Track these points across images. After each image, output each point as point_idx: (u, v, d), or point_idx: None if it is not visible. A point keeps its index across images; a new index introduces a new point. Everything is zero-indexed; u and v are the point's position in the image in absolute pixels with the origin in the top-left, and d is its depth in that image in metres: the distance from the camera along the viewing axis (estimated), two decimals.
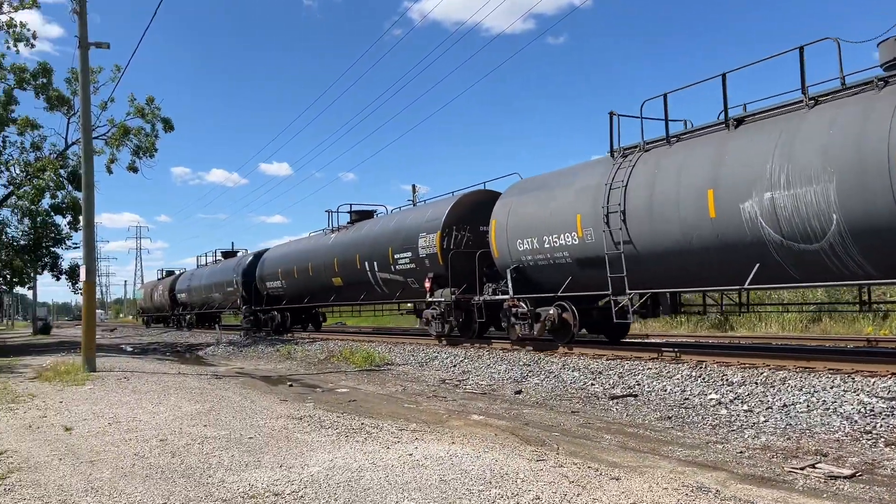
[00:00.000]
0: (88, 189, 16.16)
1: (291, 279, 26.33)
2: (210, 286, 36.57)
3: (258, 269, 29.74)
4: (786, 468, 5.65)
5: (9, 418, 8.83)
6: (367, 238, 20.95)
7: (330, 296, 24.28)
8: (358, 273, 20.93)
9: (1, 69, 26.64)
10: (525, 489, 4.83)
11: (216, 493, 4.94)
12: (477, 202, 17.45)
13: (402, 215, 20.24)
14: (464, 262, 16.69)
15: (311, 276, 24.55)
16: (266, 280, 28.79)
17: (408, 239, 18.27)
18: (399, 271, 18.78)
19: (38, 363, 17.58)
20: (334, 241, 23.37)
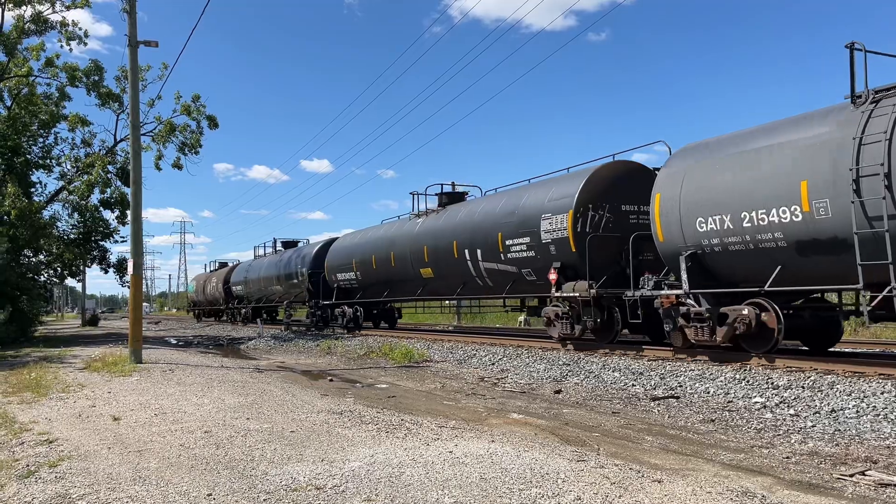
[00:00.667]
0: (136, 185, 16.53)
1: (367, 270, 23.86)
2: (270, 278, 34.06)
3: (327, 259, 27.28)
4: (834, 475, 5.51)
5: (60, 407, 9.09)
6: (466, 222, 18.05)
7: (416, 289, 21.38)
8: (454, 263, 18.25)
9: (54, 67, 27.46)
10: (566, 489, 4.80)
11: (259, 485, 5.02)
12: (616, 176, 14.56)
13: (514, 194, 16.83)
14: (603, 248, 13.82)
15: (392, 268, 21.98)
16: (337, 272, 26.29)
17: (525, 222, 15.38)
18: (511, 261, 15.94)
19: (86, 354, 18.07)
20: (423, 226, 20.53)
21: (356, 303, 25.56)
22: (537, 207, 15.16)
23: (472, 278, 17.77)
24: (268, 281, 34.40)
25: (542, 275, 14.97)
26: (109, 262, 31.16)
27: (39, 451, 6.35)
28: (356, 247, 25.14)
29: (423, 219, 20.86)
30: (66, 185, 28.75)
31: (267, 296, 35.29)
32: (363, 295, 25.08)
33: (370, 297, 24.83)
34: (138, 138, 17.07)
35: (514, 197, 16.61)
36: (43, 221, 26.05)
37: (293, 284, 30.70)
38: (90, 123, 29.01)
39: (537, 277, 15.26)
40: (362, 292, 25.01)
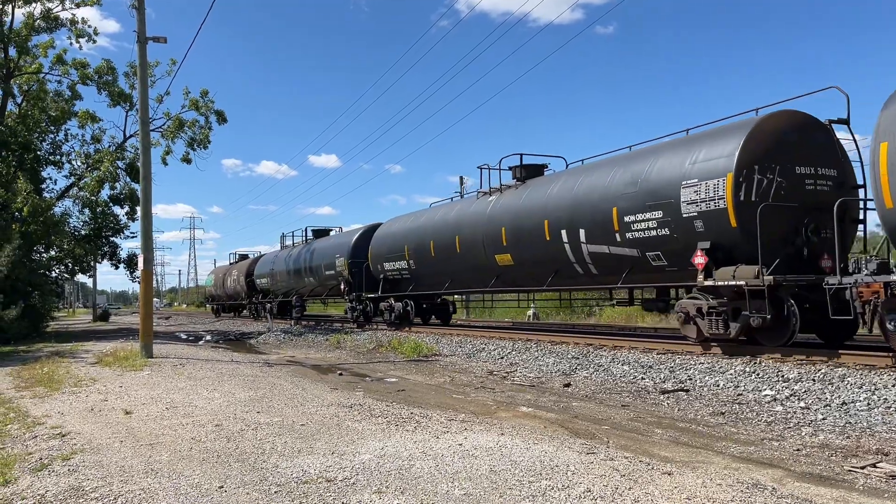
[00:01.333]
0: (146, 181, 16.61)
1: (423, 259, 20.73)
2: (300, 270, 31.04)
3: (372, 247, 24.26)
4: (845, 467, 5.50)
5: (72, 401, 9.16)
6: (563, 197, 14.83)
7: (488, 279, 17.99)
8: (544, 248, 15.22)
9: (64, 65, 27.60)
10: (576, 481, 4.81)
11: (270, 477, 5.05)
12: (785, 129, 11.44)
13: (636, 160, 13.44)
14: (775, 223, 10.86)
15: (457, 255, 18.75)
16: (383, 261, 23.22)
17: (656, 192, 12.28)
18: (631, 241, 12.82)
19: (98, 349, 18.19)
20: (498, 205, 17.38)
21: (406, 296, 22.57)
22: (675, 173, 12.02)
23: (568, 265, 14.65)
24: (297, 273, 31.52)
25: (677, 259, 12.08)
26: (120, 258, 31.36)
27: (52, 445, 6.41)
28: (409, 232, 21.89)
29: (497, 196, 17.64)
30: (76, 182, 28.94)
31: (296, 289, 32.42)
32: (416, 287, 21.97)
33: (425, 288, 21.72)
34: (148, 134, 17.15)
35: (637, 163, 13.25)
36: (55, 218, 26.22)
37: (328, 276, 27.82)
38: (100, 120, 29.22)
39: (668, 262, 12.34)
40: (414, 284, 21.94)
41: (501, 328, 21.68)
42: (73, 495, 4.75)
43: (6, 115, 26.49)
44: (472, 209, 18.67)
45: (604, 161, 14.91)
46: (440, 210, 21.15)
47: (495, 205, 17.48)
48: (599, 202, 13.63)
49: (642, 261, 12.85)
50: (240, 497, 4.60)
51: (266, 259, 38.32)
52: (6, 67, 25.35)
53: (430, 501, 4.42)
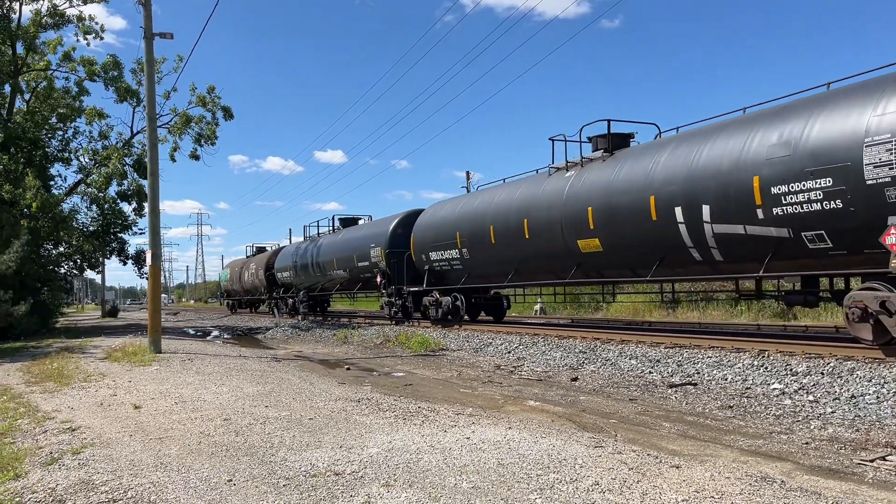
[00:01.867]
0: (153, 177, 16.65)
1: (481, 246, 18.13)
2: (329, 262, 28.50)
3: (415, 234, 21.68)
4: (854, 460, 5.48)
5: (82, 396, 9.21)
6: (675, 167, 12.18)
7: (566, 269, 15.21)
8: (649, 230, 12.59)
9: (71, 61, 27.70)
10: (584, 475, 4.81)
11: (279, 471, 5.07)
12: None
13: (780, 115, 10.88)
14: None
15: (525, 241, 16.30)
16: (430, 250, 20.64)
17: (820, 154, 9.80)
18: (781, 219, 10.34)
19: (107, 344, 18.28)
20: (580, 181, 14.68)
21: (456, 289, 19.86)
22: (850, 129, 9.46)
23: (680, 250, 12.12)
24: (325, 265, 29.00)
25: (850, 239, 9.64)
26: (128, 254, 31.46)
27: (62, 439, 6.45)
28: (462, 217, 19.24)
29: (577, 171, 15.11)
30: (84, 178, 29.05)
31: (324, 283, 30.09)
32: (469, 279, 19.34)
33: (480, 280, 19.23)
34: (155, 130, 17.18)
35: (786, 120, 10.61)
36: (63, 214, 26.33)
37: (361, 268, 25.23)
38: (107, 116, 29.32)
39: (834, 243, 9.83)
40: (467, 275, 19.29)
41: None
42: (84, 489, 4.78)
43: (14, 112, 26.60)
44: (546, 188, 15.90)
45: (731, 122, 12.06)
46: (501, 191, 18.33)
47: (576, 181, 14.86)
48: (732, 171, 11.08)
49: (792, 243, 10.37)
50: (248, 490, 4.62)
51: (288, 251, 35.57)
52: (14, 64, 25.44)
53: (438, 495, 4.42)
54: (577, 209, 14.47)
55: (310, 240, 32.61)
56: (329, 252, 28.78)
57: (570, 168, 15.66)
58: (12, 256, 21.17)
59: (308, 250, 31.49)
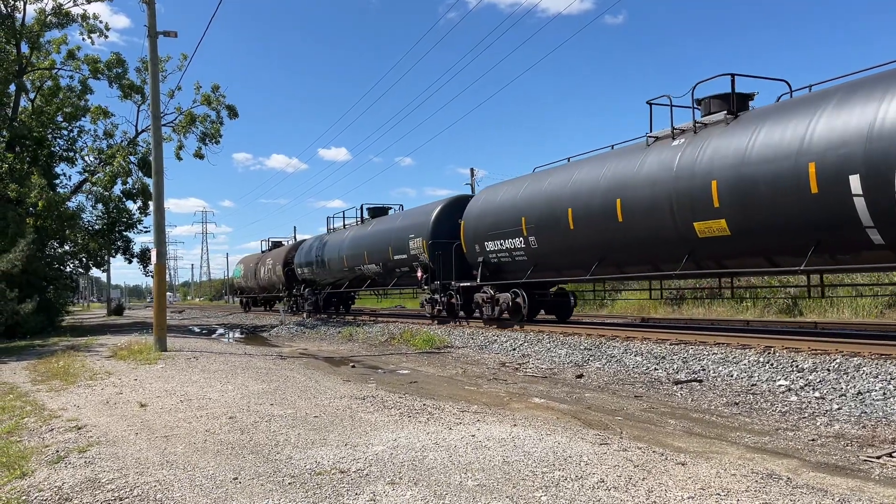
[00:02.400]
0: (158, 175, 16.68)
1: (556, 234, 15.23)
2: (357, 256, 26.02)
3: (467, 221, 18.93)
4: (861, 457, 5.46)
5: (88, 394, 9.24)
6: (845, 128, 9.66)
7: (676, 258, 12.68)
8: (805, 206, 10.16)
9: (76, 60, 27.76)
10: (589, 472, 4.80)
11: (284, 469, 5.07)
12: None
13: None
14: None
15: (617, 225, 13.50)
16: (485, 239, 17.93)
17: None
18: None
19: (112, 342, 18.34)
20: (698, 150, 12.09)
21: (518, 284, 17.19)
22: None
23: (855, 230, 9.58)
24: (353, 259, 26.43)
25: None
26: (133, 253, 31.53)
27: (69, 437, 6.47)
28: (529, 200, 16.51)
29: (690, 138, 12.48)
30: (88, 177, 29.11)
31: (352, 278, 27.55)
32: (536, 271, 16.47)
33: (550, 274, 16.49)
34: (159, 128, 17.21)
35: None
36: (70, 212, 26.40)
37: (398, 261, 22.62)
38: (112, 115, 29.35)
39: None
40: (534, 268, 16.44)
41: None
42: (90, 487, 4.79)
43: (20, 111, 26.66)
44: (647, 161, 13.20)
45: None
46: (579, 168, 15.35)
47: (691, 151, 12.22)
48: None
49: None
50: (254, 488, 4.62)
51: (309, 245, 32.88)
52: (19, 63, 25.49)
53: (444, 492, 4.42)
54: (695, 184, 11.91)
55: (334, 232, 30.21)
56: (357, 245, 26.40)
57: (678, 136, 12.96)
58: (18, 255, 21.23)
59: (333, 244, 29.17)
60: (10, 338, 20.98)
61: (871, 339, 11.24)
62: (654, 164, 13.00)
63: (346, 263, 27.21)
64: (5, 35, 24.45)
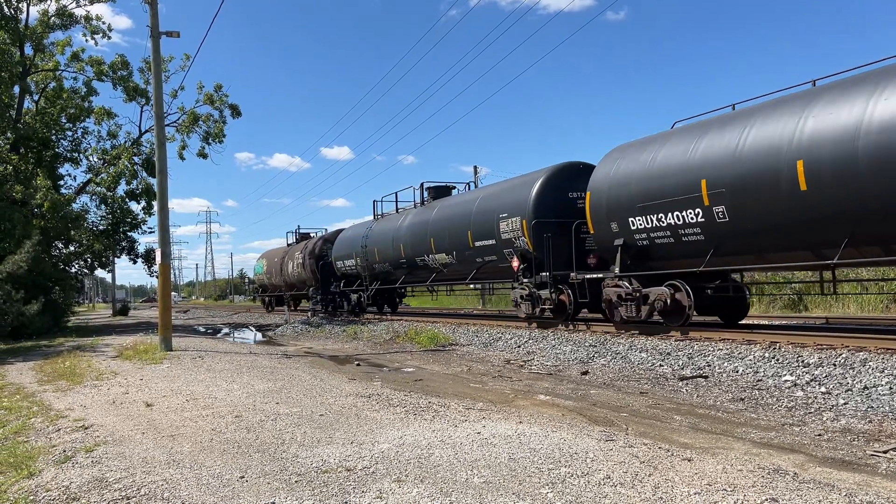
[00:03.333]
0: (162, 175, 16.71)
1: (766, 198, 10.58)
2: (420, 243, 21.45)
3: (593, 193, 14.42)
4: (868, 451, 5.45)
5: (94, 394, 9.27)
6: None
7: None
8: None
9: (80, 62, 27.83)
10: (595, 468, 4.80)
11: (290, 467, 5.08)
12: None
13: None
14: None
15: None
16: (629, 214, 13.30)
17: None
18: None
19: (118, 343, 18.38)
20: None
21: (681, 274, 12.68)
22: None
23: None
24: (415, 248, 21.87)
25: None
26: (137, 253, 31.62)
27: (75, 437, 6.49)
28: (708, 156, 11.65)
29: None
30: (93, 178, 29.20)
31: (412, 270, 22.94)
32: (717, 256, 11.81)
33: (746, 259, 11.76)
34: (163, 128, 17.23)
35: None
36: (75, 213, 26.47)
37: (481, 249, 18.23)
38: (116, 115, 29.45)
39: None
40: (714, 251, 11.74)
41: None
42: (97, 486, 4.81)
43: (24, 113, 26.74)
44: None
45: None
46: (815, 101, 10.26)
47: None
48: None
49: None
50: (261, 487, 4.63)
51: (350, 235, 28.02)
52: (22, 65, 25.57)
53: (450, 489, 4.42)
54: None
55: (383, 218, 25.53)
56: (419, 231, 21.62)
57: None
58: (24, 256, 21.31)
59: (383, 232, 24.44)
60: (17, 338, 21.05)
61: (878, 333, 11.21)
62: None
63: (404, 254, 22.66)
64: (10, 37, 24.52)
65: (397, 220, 23.98)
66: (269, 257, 40.79)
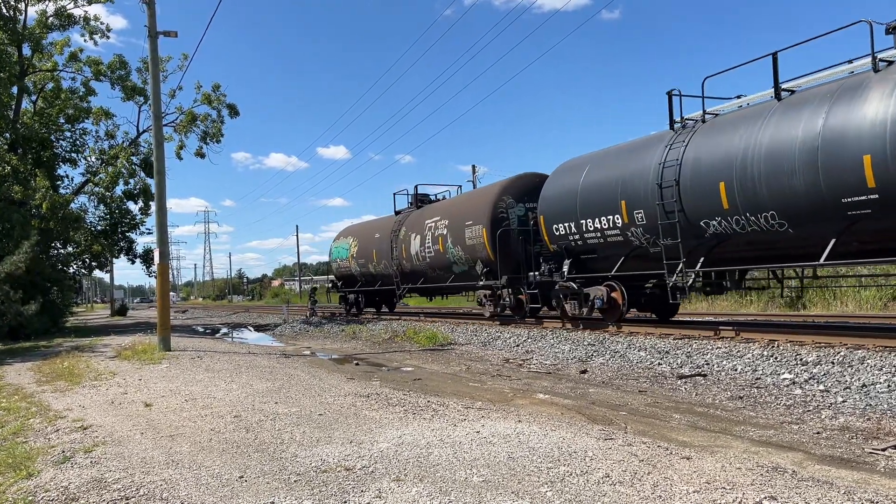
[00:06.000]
0: (160, 175, 16.69)
1: None
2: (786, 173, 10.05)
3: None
4: (866, 449, 5.45)
5: (93, 395, 9.26)
6: None
7: None
8: None
9: (78, 62, 27.79)
10: (594, 467, 4.80)
11: (290, 466, 5.08)
12: None
13: None
14: None
15: None
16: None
17: None
18: None
19: (116, 343, 18.36)
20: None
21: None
22: None
23: None
24: None
25: None
26: (136, 253, 31.57)
27: (74, 438, 6.48)
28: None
29: None
30: (91, 178, 29.16)
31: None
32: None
33: None
34: (160, 128, 17.21)
35: None
36: (74, 214, 26.43)
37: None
38: (114, 116, 29.38)
39: None
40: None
41: None
42: (96, 487, 4.80)
43: (22, 113, 26.70)
44: None
45: None
46: None
47: None
48: None
49: None
50: (260, 486, 4.63)
51: (584, 174, 15.02)
52: (20, 65, 25.53)
53: (449, 488, 4.42)
54: None
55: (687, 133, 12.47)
56: None
57: None
58: (22, 257, 21.28)
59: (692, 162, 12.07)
60: (15, 339, 21.02)
61: (876, 331, 11.22)
62: None
63: None
64: (8, 38, 24.48)
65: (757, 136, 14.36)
66: (362, 234, 26.76)
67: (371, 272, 25.61)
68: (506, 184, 18.05)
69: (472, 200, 19.20)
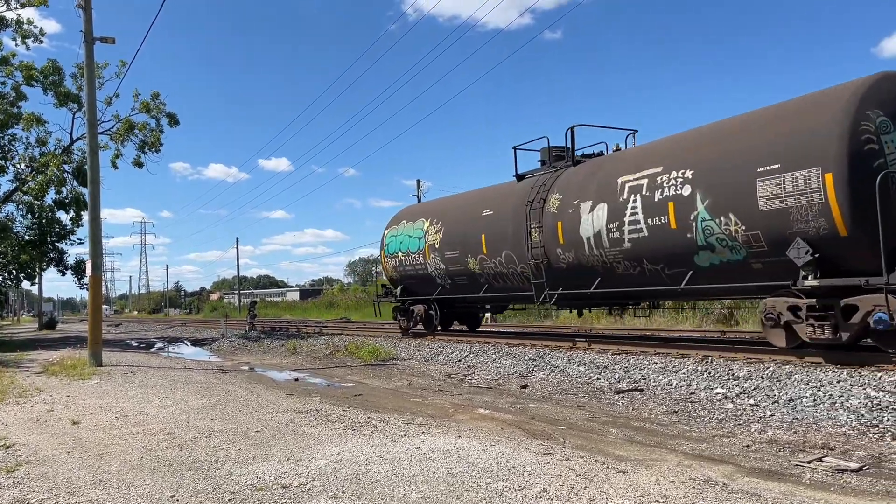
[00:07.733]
0: (94, 184, 16.19)
1: None
2: None
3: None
4: (793, 462, 5.64)
5: (16, 412, 8.87)
6: None
7: None
8: None
9: (8, 66, 26.76)
10: (532, 482, 4.84)
11: (224, 485, 4.96)
12: None
13: None
14: None
15: None
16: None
17: None
18: None
19: (44, 358, 17.65)
20: None
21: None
22: None
23: None
24: None
25: None
26: (67, 264, 30.46)
27: None
28: None
29: None
30: (19, 186, 28.04)
31: None
32: None
33: None
34: (95, 136, 16.71)
35: None
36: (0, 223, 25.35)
37: None
38: (45, 122, 28.32)
39: None
40: None
41: None
42: None
43: None
44: None
45: None
46: None
47: None
48: None
49: None
50: None
51: None
52: None
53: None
54: None
55: None
56: None
57: None
58: None
59: None
60: None
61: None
62: None
63: None
64: None
65: None
66: (452, 212, 18.28)
67: (471, 270, 17.05)
68: (869, 85, 9.44)
69: (775, 123, 10.30)
